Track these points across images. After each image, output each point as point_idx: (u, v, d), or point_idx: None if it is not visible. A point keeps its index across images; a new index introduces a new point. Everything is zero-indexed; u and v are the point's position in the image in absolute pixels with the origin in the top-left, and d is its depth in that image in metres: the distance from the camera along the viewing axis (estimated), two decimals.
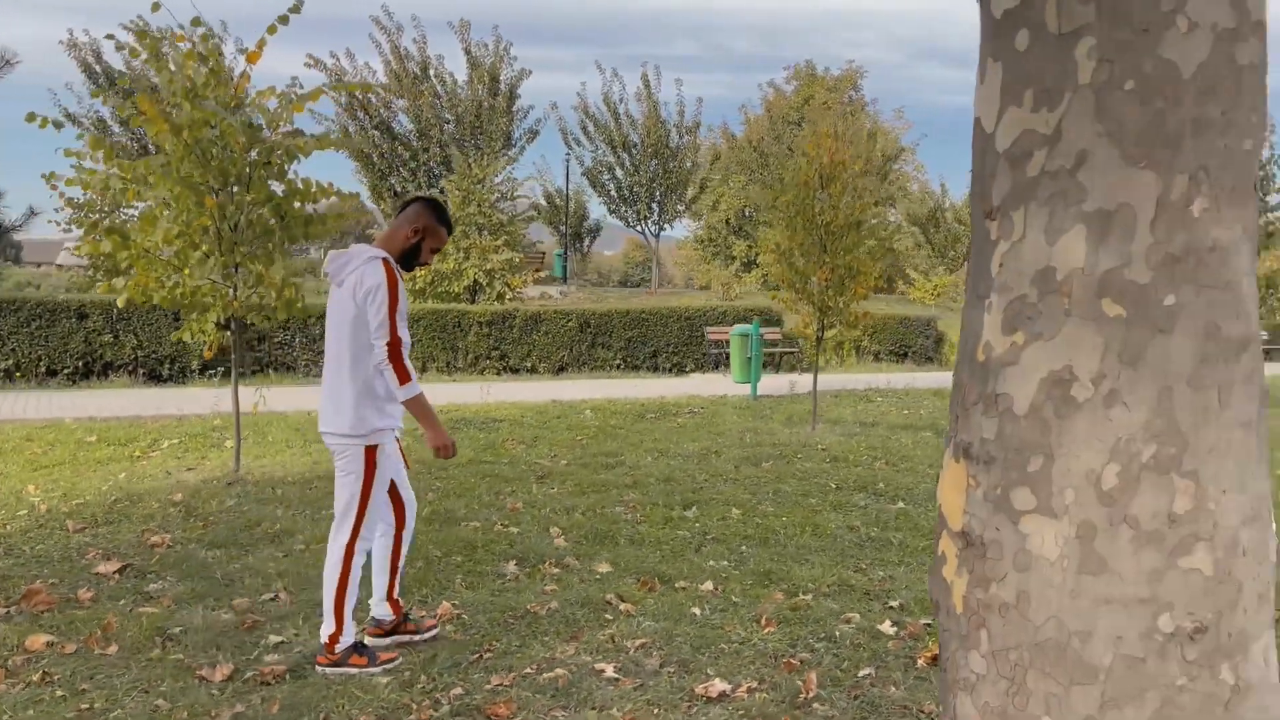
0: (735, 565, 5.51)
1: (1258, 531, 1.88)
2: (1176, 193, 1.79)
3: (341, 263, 3.86)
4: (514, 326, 18.51)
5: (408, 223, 3.95)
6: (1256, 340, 1.88)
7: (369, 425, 3.81)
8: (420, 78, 26.85)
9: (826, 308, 10.79)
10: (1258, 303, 1.92)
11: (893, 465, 8.85)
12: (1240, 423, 1.84)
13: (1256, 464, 1.89)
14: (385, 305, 3.70)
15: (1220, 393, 1.82)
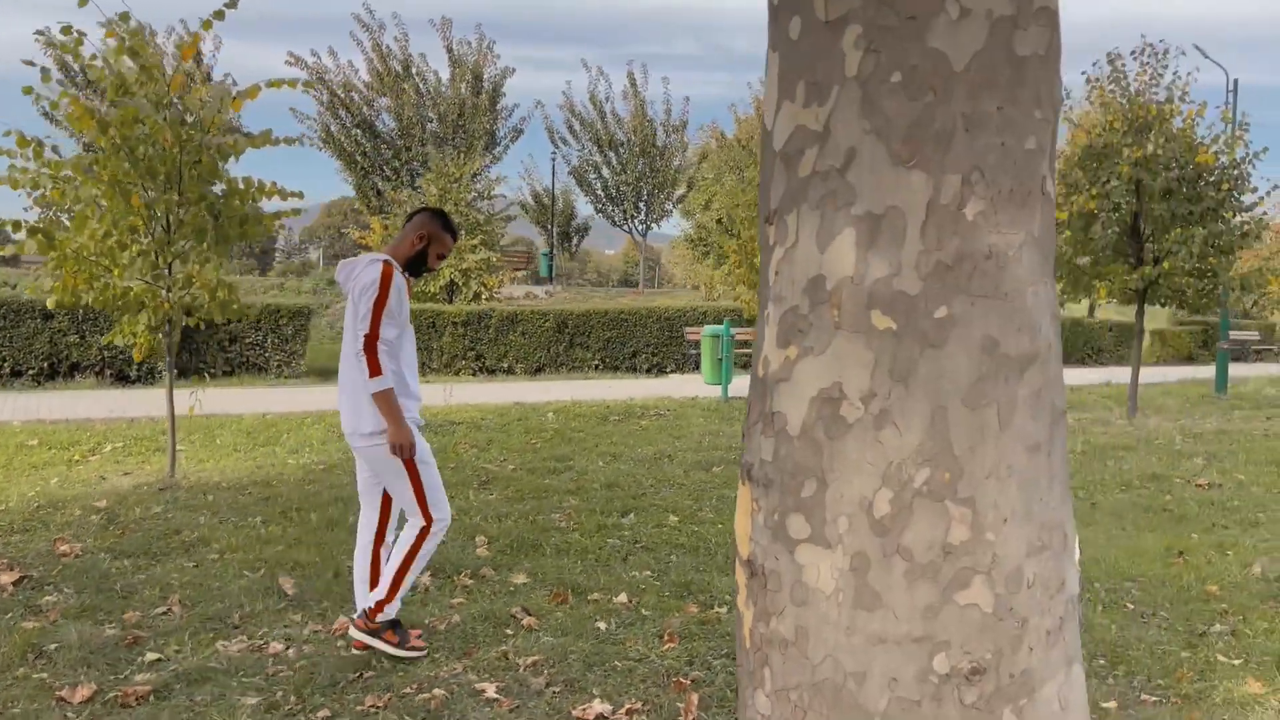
0: (657, 575, 5.36)
1: (1047, 563, 1.73)
2: (948, 195, 1.64)
3: (348, 272, 3.96)
4: (490, 327, 18.36)
5: (413, 230, 4.05)
6: (1047, 355, 1.73)
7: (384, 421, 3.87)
8: (402, 76, 26.69)
9: None
10: (1054, 314, 1.77)
11: None
12: (1025, 445, 1.69)
13: (1047, 489, 1.74)
14: (373, 300, 3.77)
15: (1000, 412, 1.67)
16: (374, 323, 3.78)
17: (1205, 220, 12.58)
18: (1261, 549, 6.17)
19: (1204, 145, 12.76)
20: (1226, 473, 8.90)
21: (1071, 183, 13.21)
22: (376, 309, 3.79)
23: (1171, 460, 9.57)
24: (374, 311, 3.78)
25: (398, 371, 3.92)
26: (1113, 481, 8.34)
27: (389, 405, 3.81)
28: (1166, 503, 7.54)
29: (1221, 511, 7.30)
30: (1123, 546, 6.13)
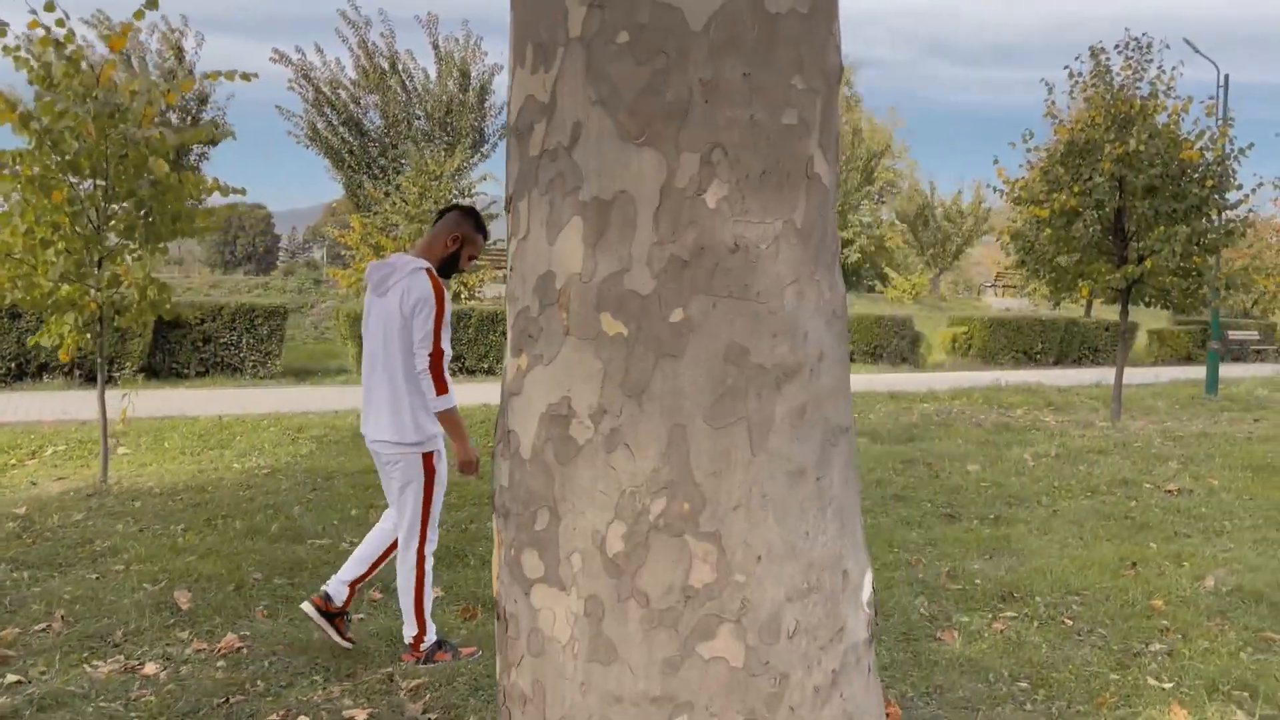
0: None
1: (815, 608, 1.48)
2: (684, 177, 1.40)
3: (384, 273, 3.90)
4: (470, 327, 18.12)
5: (446, 231, 4.01)
6: (816, 366, 1.48)
7: (426, 431, 3.88)
8: (388, 73, 26.45)
9: None
10: (832, 316, 1.52)
11: None
12: (786, 470, 1.45)
13: (818, 521, 1.49)
14: (432, 318, 3.75)
15: (752, 432, 1.42)
16: (436, 339, 3.76)
17: (1189, 218, 12.29)
18: (1221, 559, 5.91)
19: (1189, 141, 12.48)
20: (1200, 478, 8.63)
21: (1053, 180, 12.94)
22: (437, 325, 3.76)
23: (1145, 465, 9.31)
24: (435, 328, 3.76)
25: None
26: (1079, 487, 8.08)
27: (454, 423, 3.84)
28: (1131, 510, 7.28)
29: (1186, 519, 7.04)
30: (1075, 557, 5.88)
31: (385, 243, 19.71)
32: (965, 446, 10.32)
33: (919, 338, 24.14)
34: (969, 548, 6.11)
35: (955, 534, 6.44)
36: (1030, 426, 12.05)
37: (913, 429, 11.53)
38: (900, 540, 6.22)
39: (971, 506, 7.32)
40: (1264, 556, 5.99)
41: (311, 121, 26.73)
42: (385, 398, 3.88)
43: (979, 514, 7.07)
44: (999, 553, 6.01)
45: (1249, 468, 9.07)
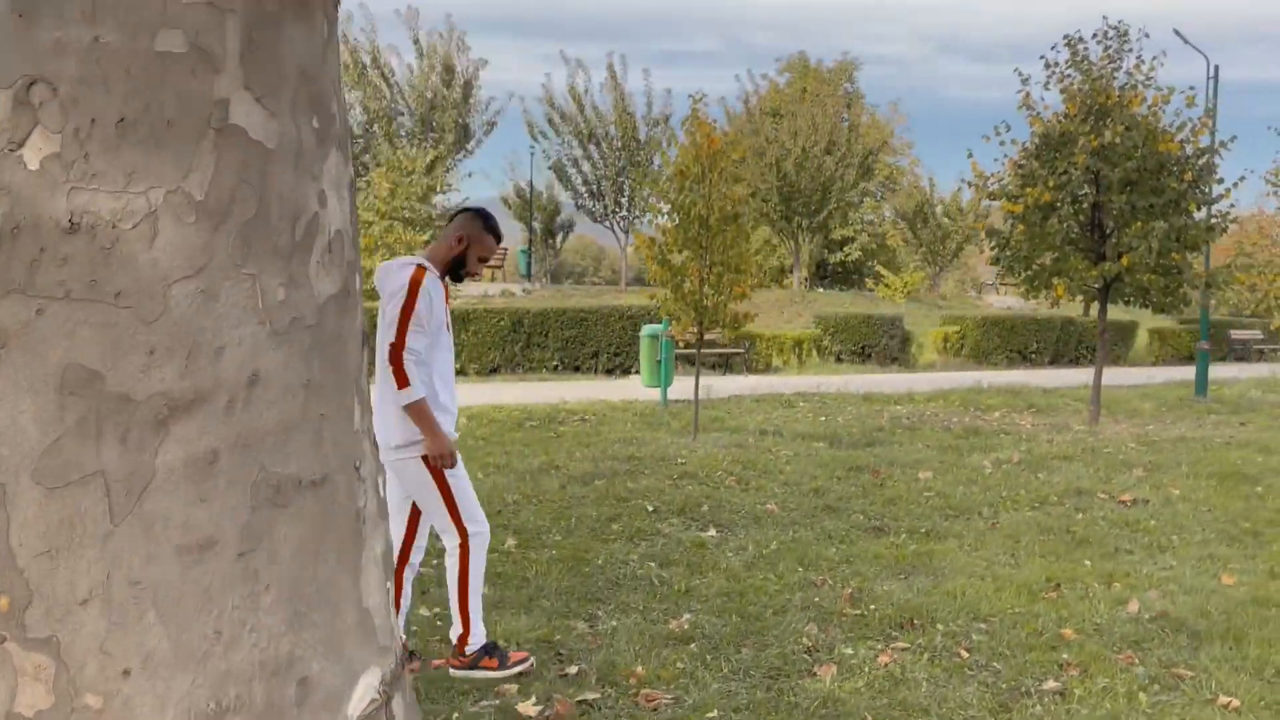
0: (444, 614, 4.71)
1: None
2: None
3: (382, 276, 3.81)
4: None
5: (453, 232, 3.92)
6: (239, 396, 1.05)
7: (416, 432, 3.72)
8: (369, 68, 26.10)
9: (703, 308, 9.94)
10: (264, 327, 1.10)
11: (743, 483, 8.03)
12: (179, 544, 1.03)
13: (250, 612, 1.07)
14: (400, 306, 3.63)
15: (112, 493, 1.01)
16: (400, 332, 3.62)
17: (1167, 213, 11.80)
18: (1156, 579, 5.47)
19: (1169, 133, 11.98)
20: (1160, 487, 8.18)
21: (1027, 174, 12.47)
22: (403, 317, 3.63)
23: (1108, 472, 8.85)
24: (400, 319, 3.63)
25: (428, 382, 3.74)
26: (1028, 497, 7.63)
27: (423, 415, 3.67)
28: (1075, 523, 6.83)
29: (1133, 533, 6.59)
30: (998, 577, 5.44)
31: None
32: (925, 452, 9.88)
33: (909, 337, 23.67)
34: (886, 566, 5.68)
35: (877, 550, 6.01)
36: (1001, 430, 11.59)
37: (876, 433, 11.09)
38: (813, 557, 5.80)
39: (906, 519, 6.89)
40: (1202, 576, 5.55)
41: None
42: (381, 403, 3.72)
43: (911, 527, 6.64)
44: (917, 571, 5.58)
45: (1216, 476, 8.61)
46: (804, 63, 50.62)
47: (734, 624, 4.60)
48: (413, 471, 3.78)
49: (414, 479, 3.81)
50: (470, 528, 3.87)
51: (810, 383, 17.04)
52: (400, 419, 3.70)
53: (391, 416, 3.69)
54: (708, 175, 9.76)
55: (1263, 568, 5.77)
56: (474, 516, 3.90)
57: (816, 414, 12.86)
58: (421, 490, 3.83)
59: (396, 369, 3.62)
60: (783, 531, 6.42)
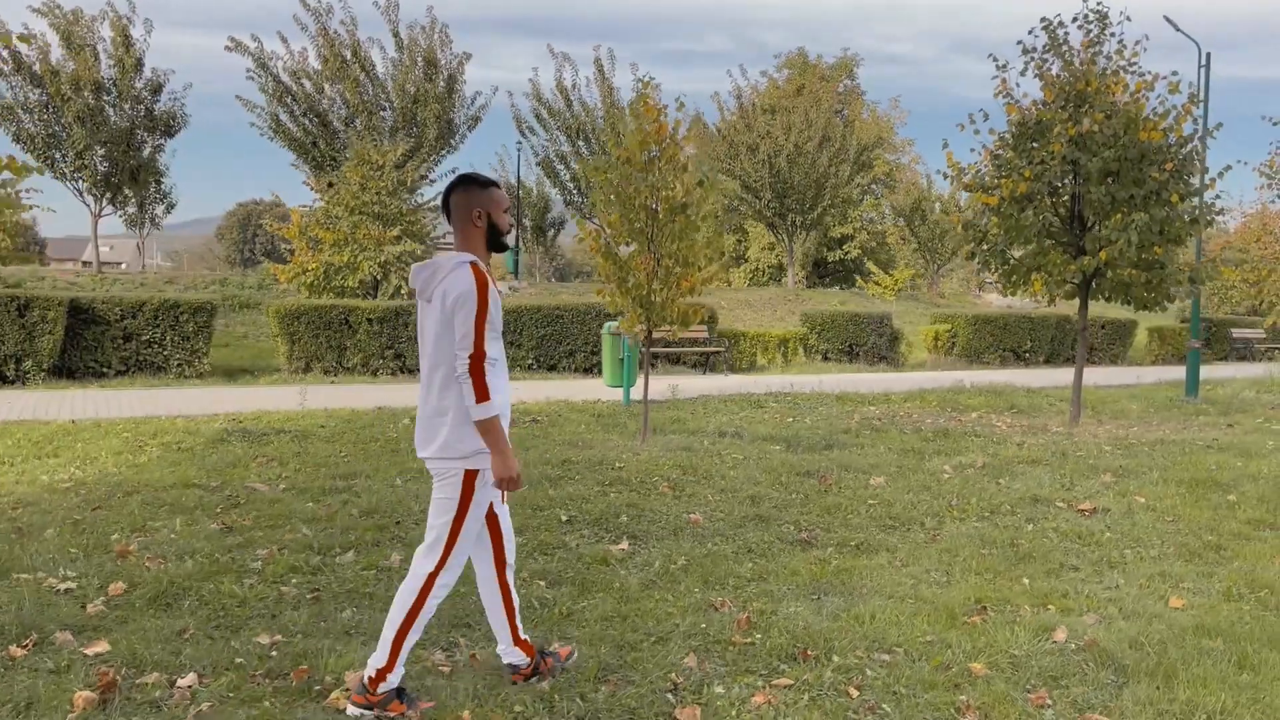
0: (284, 642, 4.22)
1: None
2: None
3: (427, 276, 3.56)
4: (409, 324, 17.27)
5: (463, 211, 3.62)
6: None
7: (470, 446, 3.52)
8: (350, 62, 25.57)
9: (649, 303, 9.43)
10: None
11: (677, 490, 7.52)
12: None
13: None
14: (473, 314, 3.40)
15: None
16: (478, 339, 3.40)
17: (1149, 205, 11.22)
18: (1097, 601, 4.95)
19: (1152, 121, 11.40)
20: (1126, 494, 7.64)
21: (1003, 163, 11.92)
22: (479, 323, 3.40)
23: (1073, 478, 8.31)
24: (477, 325, 3.39)
25: (502, 390, 3.56)
26: (979, 507, 7.10)
27: (497, 433, 3.47)
28: (1024, 535, 6.30)
29: (1084, 547, 6.07)
30: (919, 599, 4.92)
31: (324, 235, 18.88)
32: (886, 455, 9.35)
33: (898, 336, 23.10)
34: (801, 584, 5.17)
35: (797, 565, 5.50)
36: (973, 432, 11.05)
37: (841, 435, 10.56)
38: (722, 575, 5.28)
39: (840, 530, 6.37)
40: (1149, 598, 5.02)
41: (274, 113, 25.93)
42: (434, 409, 3.55)
43: (843, 539, 6.12)
44: (833, 591, 5.06)
45: (1187, 482, 8.06)
46: (803, 59, 50.06)
47: (603, 655, 4.09)
48: (451, 484, 3.56)
49: (448, 491, 3.57)
50: (450, 563, 3.60)
51: (790, 382, 16.51)
52: (455, 427, 3.50)
53: (451, 426, 3.50)
54: (655, 163, 9.24)
55: (1218, 588, 5.24)
56: (459, 561, 3.63)
57: (784, 415, 12.34)
58: (445, 509, 3.58)
59: (478, 381, 3.40)
60: (699, 545, 5.91)
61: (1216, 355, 29.65)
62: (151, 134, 26.39)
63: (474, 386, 3.39)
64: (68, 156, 25.31)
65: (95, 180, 25.91)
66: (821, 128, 32.50)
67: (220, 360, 18.77)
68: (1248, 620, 4.66)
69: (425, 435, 3.61)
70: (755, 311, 32.80)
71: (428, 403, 3.58)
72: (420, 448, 3.63)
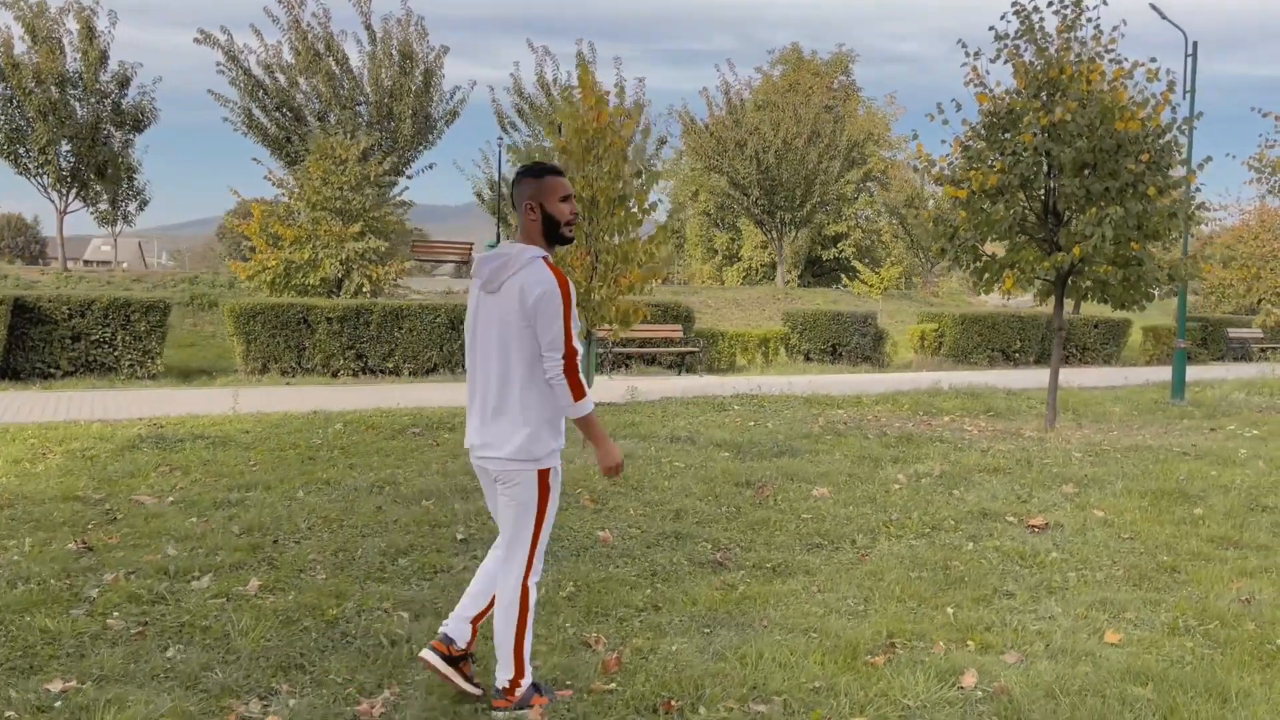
0: (70, 692, 3.69)
1: None
2: None
3: (497, 265, 3.45)
4: (371, 323, 16.75)
5: (520, 204, 3.56)
6: None
7: (545, 447, 3.48)
8: (324, 55, 25.00)
9: (587, 301, 8.89)
10: None
11: (600, 502, 6.99)
12: None
13: None
14: (560, 314, 3.37)
15: None
16: (567, 338, 3.38)
17: (1125, 198, 10.65)
18: (1023, 635, 4.40)
19: (1129, 110, 10.82)
20: (1085, 508, 7.09)
21: (973, 154, 11.36)
22: (566, 323, 3.38)
23: (1033, 488, 7.77)
24: (566, 325, 3.38)
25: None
26: (921, 522, 6.55)
27: (594, 428, 3.50)
28: (962, 555, 5.75)
29: (1025, 569, 5.52)
30: (823, 633, 4.38)
31: (285, 232, 18.34)
32: (839, 463, 8.80)
33: (883, 335, 22.54)
34: (697, 615, 4.63)
35: (700, 592, 4.96)
36: (939, 438, 10.48)
37: (799, 440, 10.00)
38: (610, 604, 4.74)
39: (761, 549, 5.82)
40: (1083, 631, 4.48)
41: (247, 108, 25.39)
42: (500, 408, 3.46)
43: (760, 560, 5.57)
44: (730, 623, 4.52)
45: (1153, 493, 7.50)
46: (798, 54, 49.48)
47: (439, 709, 3.55)
48: (525, 486, 3.48)
49: (522, 495, 3.48)
50: (537, 564, 3.56)
51: (759, 383, 15.96)
52: (533, 431, 3.43)
53: (523, 427, 3.42)
54: (594, 150, 8.70)
55: (1163, 619, 4.68)
56: (541, 556, 3.60)
57: (746, 419, 11.79)
58: (522, 510, 3.50)
59: (573, 380, 3.38)
60: (598, 568, 5.36)
61: (1213, 356, 29.04)
62: (119, 128, 25.87)
63: (570, 387, 3.37)
64: (31, 151, 24.80)
65: (60, 176, 25.40)
66: (810, 123, 31.89)
67: (181, 360, 18.28)
68: (1188, 661, 4.11)
69: (489, 436, 3.49)
70: (744, 310, 32.27)
71: (489, 401, 3.47)
72: (481, 448, 3.52)
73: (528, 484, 3.47)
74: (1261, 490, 7.72)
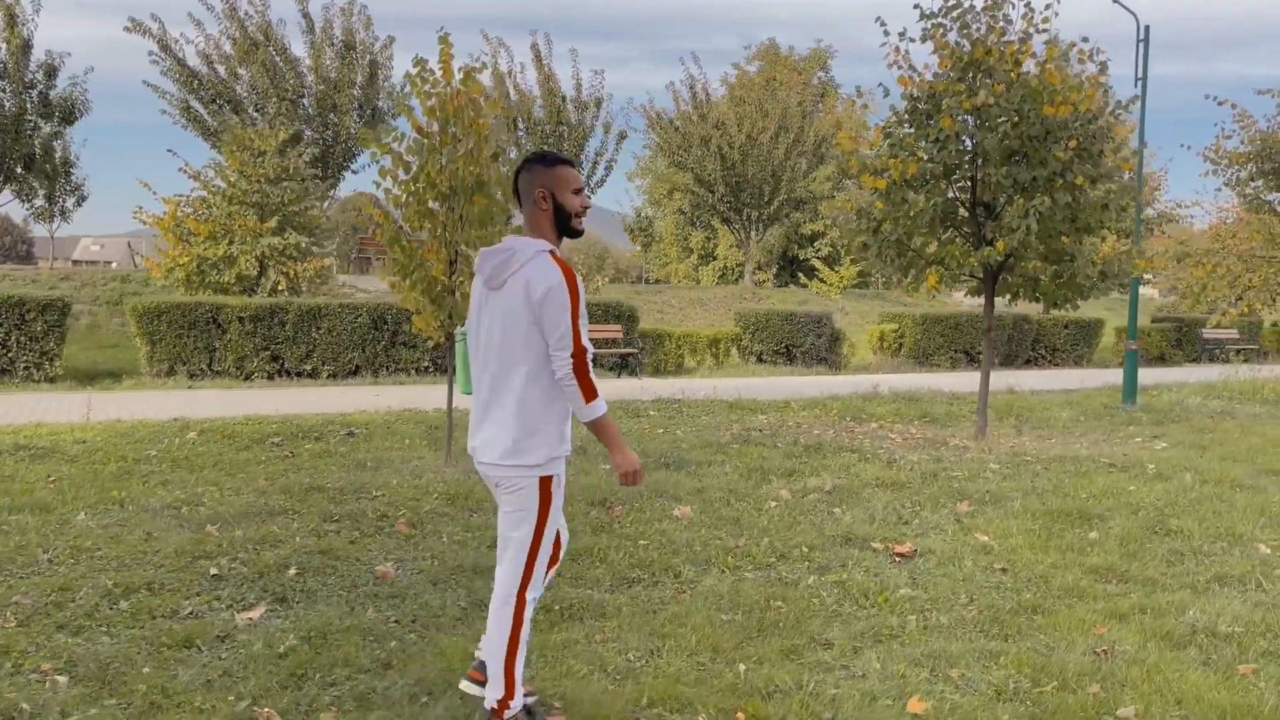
0: None
1: None
2: None
3: (500, 261, 3.25)
4: (287, 323, 15.91)
5: (527, 193, 3.33)
6: None
7: (545, 453, 3.28)
8: (262, 45, 24.15)
9: (450, 300, 8.07)
10: None
11: (416, 527, 6.18)
12: None
13: None
14: (568, 310, 3.16)
15: None
16: (576, 336, 3.19)
17: (1053, 189, 9.86)
18: (814, 703, 3.60)
19: (1060, 93, 10.01)
20: (970, 531, 6.29)
21: (895, 141, 10.57)
22: (574, 318, 3.18)
23: (921, 507, 6.97)
24: (574, 322, 3.18)
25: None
26: (770, 550, 5.75)
27: (611, 431, 3.28)
28: (794, 592, 4.95)
29: (863, 609, 4.72)
30: (571, 701, 3.57)
31: (198, 227, 17.48)
32: (726, 477, 8.00)
33: (839, 336, 21.72)
34: (429, 679, 3.82)
35: (454, 646, 4.15)
36: (851, 447, 9.68)
37: (699, 451, 9.20)
38: (329, 662, 3.92)
39: (563, 586, 5.02)
40: (885, 699, 3.66)
41: (185, 100, 24.53)
42: (502, 411, 3.28)
43: (555, 600, 4.76)
44: (455, 692, 3.70)
45: (1051, 514, 6.71)
46: (774, 50, 48.70)
47: None
48: (527, 493, 3.29)
49: (522, 502, 3.30)
50: (535, 577, 3.37)
51: (683, 387, 15.15)
52: (536, 435, 3.24)
53: (525, 431, 3.23)
54: (450, 130, 7.89)
55: (994, 678, 3.88)
56: (543, 571, 3.41)
57: (657, 426, 10.99)
58: (522, 517, 3.31)
59: (584, 380, 3.18)
60: (349, 614, 4.55)
61: (1188, 356, 28.30)
62: (48, 120, 25.00)
63: (580, 386, 3.18)
64: None
65: None
66: (777, 118, 31.07)
67: (97, 362, 17.45)
68: None
69: (490, 439, 3.29)
70: (708, 310, 31.50)
71: (496, 403, 3.28)
72: (483, 452, 3.32)
73: (528, 491, 3.29)
74: (1174, 510, 6.93)
